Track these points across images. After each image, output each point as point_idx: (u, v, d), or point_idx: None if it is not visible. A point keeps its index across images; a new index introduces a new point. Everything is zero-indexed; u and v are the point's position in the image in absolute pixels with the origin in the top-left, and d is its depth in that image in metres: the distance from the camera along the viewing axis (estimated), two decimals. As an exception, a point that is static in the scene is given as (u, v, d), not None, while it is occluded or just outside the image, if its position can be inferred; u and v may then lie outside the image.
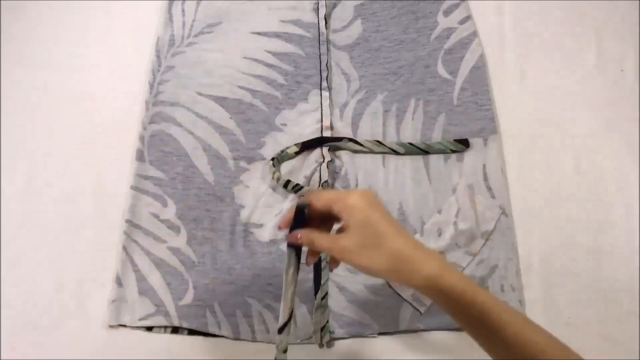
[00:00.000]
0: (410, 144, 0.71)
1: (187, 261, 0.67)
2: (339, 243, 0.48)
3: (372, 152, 0.70)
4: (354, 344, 0.64)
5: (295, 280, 0.57)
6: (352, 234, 0.47)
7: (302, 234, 0.50)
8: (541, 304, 0.66)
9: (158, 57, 0.76)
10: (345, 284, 0.66)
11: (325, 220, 0.51)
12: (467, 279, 0.47)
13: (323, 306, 0.64)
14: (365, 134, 0.73)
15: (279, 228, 0.52)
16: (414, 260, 0.46)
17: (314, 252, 0.52)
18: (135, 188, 0.69)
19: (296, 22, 0.78)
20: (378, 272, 0.47)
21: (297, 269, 0.57)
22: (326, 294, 0.65)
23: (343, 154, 0.72)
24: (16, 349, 0.63)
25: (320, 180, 0.70)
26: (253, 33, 0.77)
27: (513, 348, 0.46)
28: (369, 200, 0.48)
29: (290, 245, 0.52)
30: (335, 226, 0.52)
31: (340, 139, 0.71)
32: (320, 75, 0.75)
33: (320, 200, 0.50)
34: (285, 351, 0.56)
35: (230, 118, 0.73)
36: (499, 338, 0.47)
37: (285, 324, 0.60)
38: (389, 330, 0.64)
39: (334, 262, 0.54)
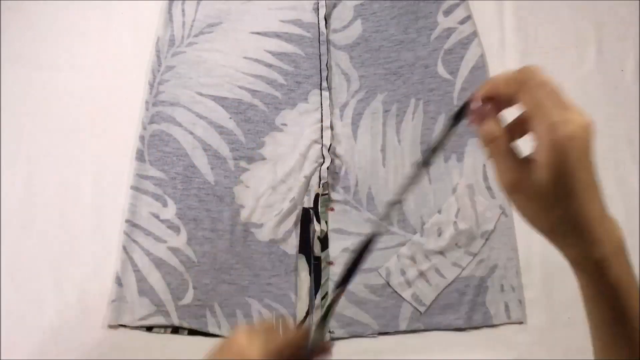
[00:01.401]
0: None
1: (187, 261, 0.67)
2: (517, 176, 0.36)
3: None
4: (354, 344, 0.64)
5: (309, 280, 0.57)
6: (548, 171, 0.34)
7: (486, 128, 0.37)
8: (541, 304, 0.66)
9: (158, 57, 0.76)
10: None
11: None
12: (630, 268, 0.39)
13: (323, 306, 0.64)
14: (365, 133, 0.73)
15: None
16: (594, 234, 0.37)
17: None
18: (135, 188, 0.69)
19: (296, 22, 0.78)
20: (541, 233, 0.37)
21: (310, 270, 0.59)
22: (326, 294, 0.65)
23: (343, 154, 0.72)
24: (16, 349, 0.63)
25: (320, 180, 0.70)
26: (253, 33, 0.77)
27: None
28: (583, 139, 0.34)
29: (300, 252, 0.56)
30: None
31: None
32: (320, 75, 0.75)
33: (531, 97, 0.35)
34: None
35: (230, 118, 0.73)
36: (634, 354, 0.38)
37: (302, 321, 0.60)
38: (389, 330, 0.64)
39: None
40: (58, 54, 0.78)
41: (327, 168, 0.70)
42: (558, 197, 0.35)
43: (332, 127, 0.73)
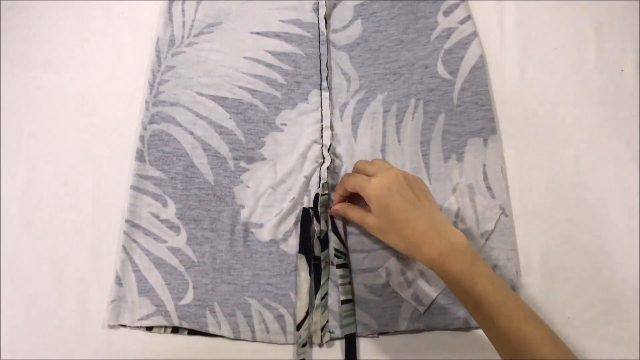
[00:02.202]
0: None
1: (187, 261, 0.67)
2: (365, 220, 0.59)
3: None
4: (368, 344, 0.64)
5: (309, 280, 0.60)
6: (374, 217, 0.58)
7: (338, 206, 0.64)
8: (541, 304, 0.66)
9: (158, 57, 0.76)
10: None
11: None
12: (473, 265, 0.53)
13: (323, 306, 0.64)
14: (365, 133, 0.73)
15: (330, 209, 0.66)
16: (422, 244, 0.55)
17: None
18: (135, 188, 0.69)
19: (296, 22, 0.78)
20: (396, 249, 0.58)
21: (310, 270, 0.61)
22: (326, 293, 0.65)
23: (343, 154, 0.72)
24: (16, 349, 0.63)
25: (320, 180, 0.70)
26: (253, 33, 0.77)
27: (505, 339, 0.48)
28: (389, 186, 0.56)
29: (300, 252, 0.64)
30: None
31: None
32: (320, 75, 0.75)
33: (349, 184, 0.61)
34: (304, 346, 0.61)
35: (230, 118, 0.73)
36: (492, 328, 0.49)
37: (302, 321, 0.61)
38: (389, 330, 0.64)
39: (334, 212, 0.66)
40: (58, 54, 0.78)
41: (327, 168, 0.70)
42: (389, 226, 0.57)
43: (332, 127, 0.73)
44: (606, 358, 0.63)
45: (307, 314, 0.63)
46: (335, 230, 0.66)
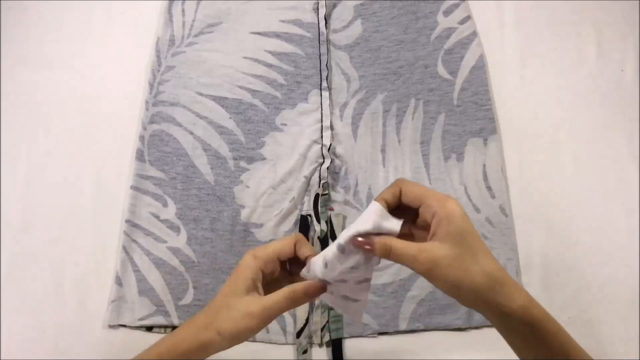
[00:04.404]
0: None
1: (187, 261, 0.67)
2: (428, 252, 0.41)
3: None
4: (354, 343, 0.64)
5: None
6: (446, 244, 0.41)
7: (377, 241, 0.43)
8: (541, 303, 0.66)
9: (158, 57, 0.76)
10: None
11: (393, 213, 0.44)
12: (546, 311, 0.44)
13: (323, 306, 0.64)
14: (365, 133, 0.73)
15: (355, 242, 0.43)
16: (510, 285, 0.42)
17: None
18: (135, 188, 0.69)
19: (296, 22, 0.78)
20: (469, 289, 0.41)
21: None
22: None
23: (343, 154, 0.72)
24: (16, 349, 0.63)
25: (320, 180, 0.70)
26: (253, 33, 0.77)
27: None
28: (464, 210, 0.42)
29: None
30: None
31: None
32: (320, 75, 0.75)
33: (412, 192, 0.44)
34: (305, 352, 0.60)
35: (230, 118, 0.73)
36: None
37: (303, 328, 0.61)
38: (388, 330, 0.64)
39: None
40: (58, 53, 0.78)
41: (327, 168, 0.70)
42: (470, 256, 0.41)
43: (332, 127, 0.73)
44: (606, 358, 0.63)
45: (307, 321, 0.63)
46: (333, 236, 0.66)
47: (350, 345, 0.64)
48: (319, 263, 0.45)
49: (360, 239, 0.43)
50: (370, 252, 0.43)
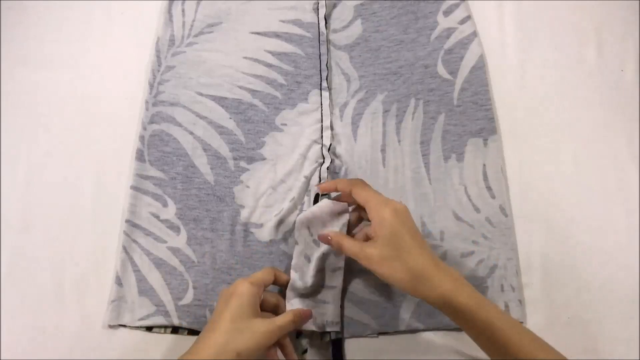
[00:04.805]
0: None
1: (187, 261, 0.67)
2: (365, 251, 0.53)
3: None
4: (354, 343, 0.64)
5: None
6: (378, 244, 0.52)
7: (332, 236, 0.57)
8: (541, 304, 0.66)
9: (158, 57, 0.76)
10: (345, 284, 0.66)
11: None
12: (479, 297, 0.51)
13: None
14: (365, 133, 0.73)
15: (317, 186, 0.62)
16: (431, 278, 0.51)
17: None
18: (135, 188, 0.69)
19: (296, 22, 0.78)
20: (397, 283, 0.52)
21: None
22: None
23: (343, 154, 0.72)
24: (16, 349, 0.63)
25: (320, 180, 0.70)
26: (253, 33, 0.77)
27: None
28: (401, 216, 0.53)
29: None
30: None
31: None
32: (320, 75, 0.75)
33: (360, 195, 0.55)
34: (305, 352, 0.61)
35: (230, 118, 0.73)
36: (506, 355, 0.49)
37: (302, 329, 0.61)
38: (388, 330, 0.64)
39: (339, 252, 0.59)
40: (58, 53, 0.78)
41: (327, 168, 0.70)
42: (396, 255, 0.51)
43: (332, 127, 0.73)
44: (606, 358, 0.63)
45: None
46: None
47: (350, 345, 0.64)
48: (295, 278, 0.60)
49: (322, 233, 0.58)
50: (329, 244, 0.57)
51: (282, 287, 0.60)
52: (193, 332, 0.65)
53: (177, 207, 0.69)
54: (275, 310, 0.59)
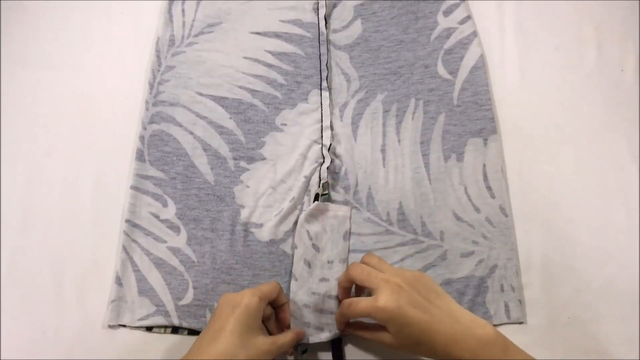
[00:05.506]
0: None
1: (187, 261, 0.67)
2: (383, 339, 0.54)
3: None
4: (354, 344, 0.64)
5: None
6: (391, 336, 0.53)
7: (348, 326, 0.60)
8: (541, 304, 0.66)
9: (158, 57, 0.76)
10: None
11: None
12: (506, 356, 0.50)
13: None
14: (365, 133, 0.73)
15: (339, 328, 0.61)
16: (452, 349, 0.49)
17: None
18: (135, 188, 0.69)
19: (296, 22, 0.78)
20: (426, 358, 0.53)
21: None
22: (326, 294, 0.65)
23: (343, 154, 0.72)
24: (16, 349, 0.63)
25: (320, 180, 0.70)
26: (253, 33, 0.77)
27: None
28: (399, 301, 0.51)
29: None
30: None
31: None
32: (320, 75, 0.75)
33: (356, 280, 0.56)
34: (305, 352, 0.61)
35: (230, 118, 0.73)
36: None
37: None
38: (388, 330, 0.64)
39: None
40: (58, 53, 0.78)
41: (327, 168, 0.70)
42: (414, 343, 0.51)
43: (332, 127, 0.73)
44: (606, 358, 0.63)
45: None
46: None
47: (350, 345, 0.64)
48: (294, 290, 0.63)
49: (338, 325, 0.60)
50: (348, 334, 0.61)
51: (276, 306, 0.60)
52: (193, 332, 0.65)
53: (177, 207, 0.69)
54: (266, 321, 0.59)
